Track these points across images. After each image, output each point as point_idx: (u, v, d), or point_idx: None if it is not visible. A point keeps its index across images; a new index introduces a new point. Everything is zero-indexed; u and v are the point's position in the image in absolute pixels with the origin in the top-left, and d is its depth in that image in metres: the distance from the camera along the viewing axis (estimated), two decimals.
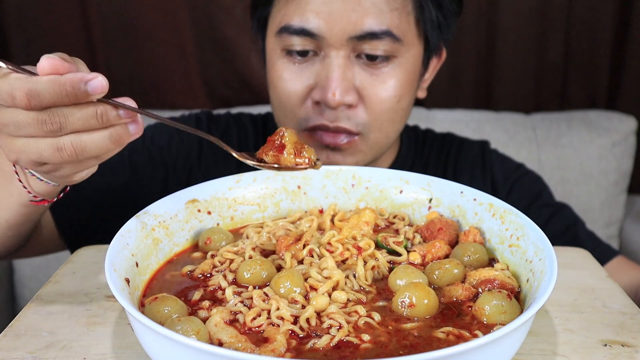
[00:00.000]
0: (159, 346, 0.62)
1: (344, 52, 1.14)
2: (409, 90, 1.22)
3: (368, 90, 1.17)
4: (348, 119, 1.17)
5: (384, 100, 1.18)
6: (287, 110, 1.21)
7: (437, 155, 1.46)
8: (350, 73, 1.15)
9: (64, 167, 0.75)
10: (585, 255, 1.03)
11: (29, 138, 0.71)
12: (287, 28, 1.15)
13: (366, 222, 0.91)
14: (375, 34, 1.13)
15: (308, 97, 1.18)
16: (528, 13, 2.24)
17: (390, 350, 0.66)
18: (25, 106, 0.68)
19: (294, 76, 1.19)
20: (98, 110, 0.71)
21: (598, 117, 2.20)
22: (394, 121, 1.22)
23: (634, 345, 0.76)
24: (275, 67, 1.20)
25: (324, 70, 1.15)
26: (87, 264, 0.96)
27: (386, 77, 1.17)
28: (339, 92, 1.13)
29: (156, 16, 2.22)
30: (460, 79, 2.34)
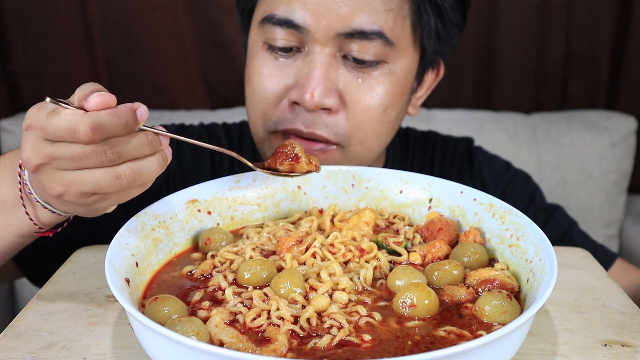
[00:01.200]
0: (159, 346, 0.62)
1: (330, 50, 1.05)
2: (398, 102, 1.12)
3: (352, 95, 1.06)
4: (326, 126, 1.06)
5: (368, 108, 1.07)
6: (259, 109, 1.11)
7: (421, 158, 1.38)
8: (333, 73, 1.05)
9: (111, 196, 0.76)
10: (585, 255, 1.03)
11: (83, 170, 0.73)
12: (271, 18, 1.06)
13: (366, 223, 0.91)
14: (365, 34, 1.03)
15: (284, 96, 1.08)
16: (528, 13, 2.25)
17: (391, 350, 0.66)
18: (89, 140, 0.70)
19: (274, 72, 1.08)
20: (149, 137, 0.74)
21: (598, 117, 2.20)
22: (378, 134, 1.11)
23: (634, 345, 0.76)
24: (255, 61, 1.11)
25: (305, 68, 1.05)
26: (87, 264, 0.96)
27: (374, 82, 1.07)
28: (318, 92, 1.03)
29: (156, 16, 2.22)
30: (460, 79, 2.34)
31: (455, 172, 1.37)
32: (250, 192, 0.97)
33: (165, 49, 2.26)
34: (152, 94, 2.33)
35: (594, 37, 2.27)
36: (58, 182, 0.74)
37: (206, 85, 2.32)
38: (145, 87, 2.32)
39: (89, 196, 0.75)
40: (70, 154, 0.71)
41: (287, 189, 0.99)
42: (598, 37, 2.27)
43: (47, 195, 0.78)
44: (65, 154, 0.71)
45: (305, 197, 0.99)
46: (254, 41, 1.13)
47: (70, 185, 0.74)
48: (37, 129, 0.73)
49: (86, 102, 0.71)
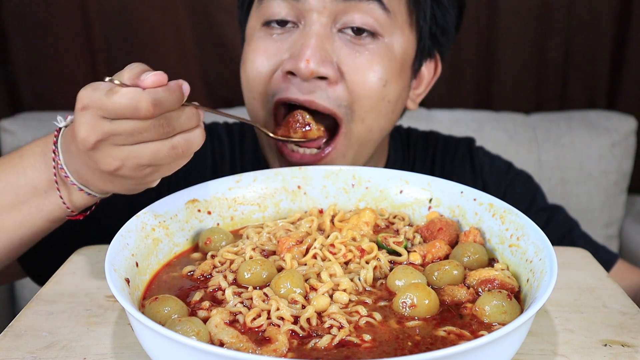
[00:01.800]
0: (159, 346, 0.62)
1: (325, 20, 1.04)
2: (397, 80, 1.10)
3: (349, 67, 1.05)
4: (327, 95, 1.04)
5: (367, 80, 1.05)
6: (256, 90, 1.09)
7: (422, 158, 1.38)
8: (329, 45, 1.04)
9: (163, 168, 0.81)
10: (585, 255, 1.03)
11: (141, 144, 0.77)
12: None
13: (366, 223, 0.91)
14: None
15: (278, 68, 1.06)
16: (528, 13, 2.25)
17: (391, 350, 0.66)
18: (150, 115, 0.75)
19: (269, 47, 1.07)
20: (193, 111, 0.80)
21: (598, 117, 2.21)
22: (379, 112, 1.10)
23: (634, 345, 0.76)
24: (252, 42, 1.10)
25: (300, 39, 1.04)
26: (87, 264, 0.96)
27: (370, 55, 1.06)
28: (313, 60, 1.01)
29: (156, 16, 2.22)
30: (460, 79, 2.34)
31: (456, 171, 1.37)
32: (250, 192, 0.97)
33: (165, 49, 2.26)
34: None
35: (594, 37, 2.27)
36: (116, 157, 0.78)
37: (206, 85, 2.32)
38: None
39: (144, 169, 0.80)
40: (129, 129, 0.76)
41: (287, 189, 0.99)
42: (598, 37, 2.28)
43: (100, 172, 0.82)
44: (125, 129, 0.76)
45: (305, 197, 0.99)
46: (252, 26, 1.13)
47: (129, 159, 0.78)
48: (95, 108, 0.77)
49: (141, 81, 0.76)
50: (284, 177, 0.99)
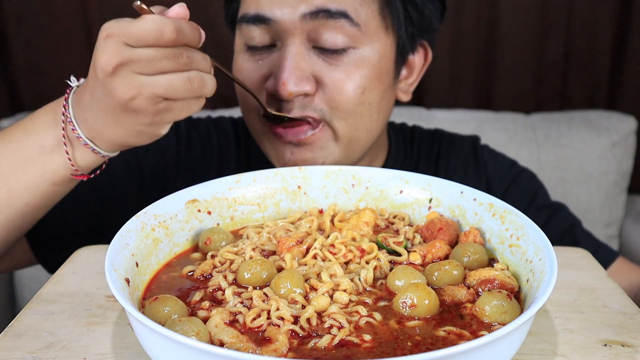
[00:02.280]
0: (159, 346, 0.62)
1: (299, 39, 1.08)
2: (376, 85, 1.13)
3: (325, 77, 1.10)
4: (305, 106, 1.10)
5: (344, 89, 1.10)
6: (248, 104, 1.16)
7: (427, 154, 1.40)
8: (304, 62, 1.09)
9: (176, 106, 0.85)
10: (585, 255, 1.03)
11: (158, 76, 0.81)
12: (244, 17, 1.11)
13: (366, 223, 0.91)
14: (330, 12, 1.06)
15: (262, 88, 1.13)
16: (528, 13, 2.25)
17: (391, 350, 0.66)
18: (173, 40, 0.80)
19: (252, 69, 1.14)
20: (207, 57, 0.86)
21: (598, 117, 2.21)
22: (361, 115, 1.13)
23: (634, 345, 0.76)
24: (237, 62, 1.17)
25: (278, 60, 1.10)
26: (87, 264, 0.96)
27: (346, 66, 1.10)
28: (291, 82, 1.07)
29: None
30: (460, 79, 2.34)
31: (460, 168, 1.38)
32: (250, 192, 0.97)
33: None
34: None
35: (594, 37, 2.28)
36: (133, 84, 0.81)
37: None
38: None
39: (159, 102, 0.83)
40: (150, 55, 0.80)
41: (287, 189, 0.99)
42: (598, 37, 2.28)
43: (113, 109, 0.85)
44: (146, 55, 0.80)
45: (305, 197, 1.00)
46: (237, 44, 1.19)
47: (145, 87, 0.81)
48: (119, 35, 0.81)
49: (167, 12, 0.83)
50: (284, 177, 0.99)
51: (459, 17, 2.24)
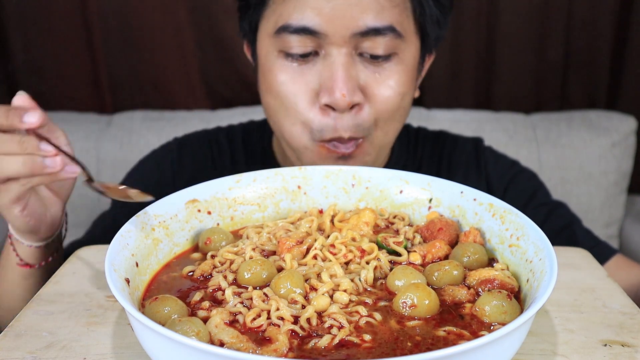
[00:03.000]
0: (159, 346, 0.62)
1: (346, 50, 1.11)
2: (411, 88, 1.20)
3: (373, 89, 1.14)
4: (358, 126, 1.14)
5: (388, 99, 1.15)
6: (295, 118, 1.15)
7: (430, 155, 1.43)
8: (354, 71, 1.12)
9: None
10: (585, 255, 1.03)
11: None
12: (287, 27, 1.11)
13: (366, 223, 0.91)
14: (378, 30, 1.10)
15: (315, 101, 1.13)
16: (528, 13, 2.25)
17: (391, 350, 0.66)
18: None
19: (296, 79, 1.14)
20: (22, 139, 0.86)
21: (598, 117, 2.21)
22: (396, 120, 1.20)
23: (634, 345, 0.76)
24: (274, 70, 1.15)
25: (327, 70, 1.11)
26: (87, 264, 0.96)
27: (389, 74, 1.14)
28: (347, 92, 1.09)
29: (156, 16, 2.22)
30: (460, 79, 2.34)
31: (462, 167, 1.40)
32: (250, 192, 0.97)
33: (165, 49, 2.26)
34: (152, 94, 2.33)
35: (594, 37, 2.27)
36: None
37: (206, 85, 2.33)
38: (145, 87, 2.32)
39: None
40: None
41: (287, 189, 0.99)
42: (598, 37, 2.28)
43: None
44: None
45: (305, 197, 1.00)
46: (267, 52, 1.17)
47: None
48: None
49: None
50: (284, 177, 0.99)
51: (459, 17, 2.24)
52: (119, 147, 2.13)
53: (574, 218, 1.35)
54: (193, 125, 2.15)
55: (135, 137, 2.14)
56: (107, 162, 2.13)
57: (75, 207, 2.16)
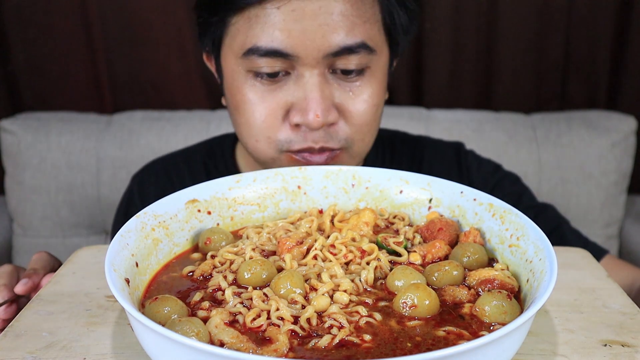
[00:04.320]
0: (159, 346, 0.62)
1: (319, 70, 1.09)
2: (382, 98, 1.19)
3: (347, 106, 1.13)
4: (331, 137, 1.12)
5: (364, 112, 1.14)
6: (261, 135, 1.14)
7: (410, 159, 1.42)
8: (327, 91, 1.10)
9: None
10: (585, 255, 1.03)
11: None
12: (255, 50, 1.08)
13: (366, 223, 0.91)
14: (351, 48, 1.08)
15: (285, 119, 1.12)
16: (528, 13, 2.25)
17: (391, 350, 0.66)
18: None
19: (266, 98, 1.11)
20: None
21: (598, 117, 2.20)
22: (373, 130, 1.19)
23: (634, 345, 0.76)
24: (243, 90, 1.13)
25: (300, 91, 1.10)
26: (87, 264, 0.96)
27: (363, 89, 1.13)
28: (321, 113, 1.08)
29: (156, 16, 2.22)
30: (460, 79, 2.34)
31: (444, 172, 1.39)
32: (250, 192, 0.97)
33: (165, 49, 2.26)
34: (152, 94, 2.33)
35: (594, 37, 2.27)
36: None
37: (206, 85, 2.32)
38: (145, 87, 2.32)
39: None
40: None
41: (287, 189, 0.99)
42: (598, 37, 2.27)
43: None
44: None
45: (305, 197, 1.00)
46: (233, 70, 1.14)
47: None
48: None
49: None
50: (284, 177, 0.99)
51: (459, 17, 2.24)
52: (119, 147, 2.13)
53: (561, 219, 1.35)
54: (193, 125, 2.15)
55: (135, 137, 2.14)
56: (107, 162, 2.13)
57: (76, 207, 2.16)
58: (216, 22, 1.14)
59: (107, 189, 2.13)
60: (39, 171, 2.13)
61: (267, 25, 1.06)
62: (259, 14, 1.07)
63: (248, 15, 1.08)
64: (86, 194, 2.15)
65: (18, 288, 0.92)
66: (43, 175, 2.13)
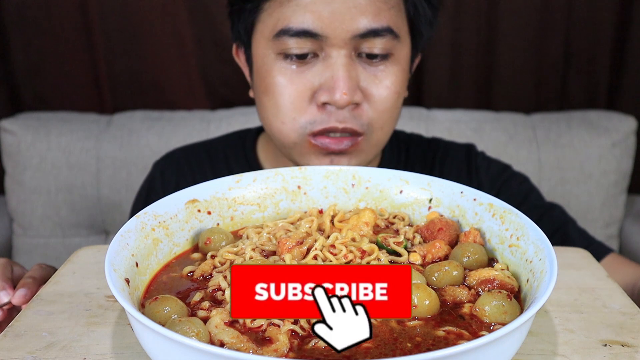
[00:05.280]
0: (159, 346, 0.62)
1: (346, 51, 1.14)
2: (404, 87, 1.23)
3: (371, 89, 1.17)
4: (355, 118, 1.16)
5: (386, 98, 1.18)
6: (287, 116, 1.17)
7: (422, 161, 1.45)
8: (353, 72, 1.15)
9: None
10: (585, 255, 1.03)
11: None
12: (287, 31, 1.13)
13: (366, 223, 0.91)
14: (377, 31, 1.13)
15: (312, 101, 1.16)
16: (528, 13, 2.25)
17: (391, 350, 0.66)
18: None
19: (294, 79, 1.16)
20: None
21: (598, 117, 2.20)
22: (393, 119, 1.23)
23: (634, 345, 0.76)
24: (272, 72, 1.17)
25: (328, 71, 1.14)
26: (87, 264, 0.96)
27: (386, 74, 1.18)
28: (348, 91, 1.12)
29: (156, 16, 2.22)
30: (460, 79, 2.34)
31: (454, 172, 1.42)
32: (250, 192, 0.97)
33: (165, 49, 2.26)
34: (152, 94, 2.33)
35: (594, 37, 2.27)
36: None
37: (206, 85, 2.32)
38: (145, 87, 2.32)
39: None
40: None
41: (287, 189, 0.99)
42: (598, 37, 2.27)
43: None
44: None
45: (305, 197, 1.00)
46: (264, 54, 1.19)
47: None
48: None
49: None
50: (284, 177, 0.99)
51: (459, 17, 2.24)
52: (119, 147, 2.13)
53: (567, 219, 1.35)
54: (193, 125, 2.15)
55: (135, 137, 2.14)
56: (107, 162, 2.13)
57: (76, 207, 2.16)
58: (250, 8, 1.20)
59: (107, 189, 2.13)
60: (39, 171, 2.13)
61: (299, 7, 1.12)
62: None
63: (280, 0, 1.14)
64: (86, 194, 2.15)
65: (17, 299, 0.92)
66: (43, 175, 2.13)
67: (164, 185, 1.43)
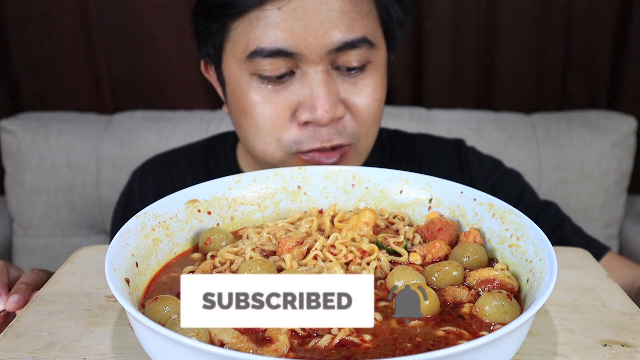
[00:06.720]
0: (159, 346, 0.62)
1: (323, 67, 1.10)
2: (384, 92, 1.21)
3: (353, 99, 1.14)
4: (340, 133, 1.14)
5: (369, 106, 1.16)
6: (269, 137, 1.14)
7: (410, 158, 1.43)
8: (333, 86, 1.12)
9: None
10: (585, 255, 1.03)
11: None
12: (260, 52, 1.08)
13: (366, 223, 0.91)
14: (353, 43, 1.10)
15: (292, 119, 1.13)
16: (528, 13, 2.25)
17: (391, 350, 0.66)
18: None
19: (273, 99, 1.12)
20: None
21: (598, 117, 2.20)
22: (377, 125, 1.21)
23: (634, 345, 0.76)
24: (248, 94, 1.13)
25: (306, 88, 1.10)
26: (87, 264, 0.96)
27: (365, 82, 1.15)
28: (329, 108, 1.09)
29: (156, 16, 2.22)
30: (460, 79, 2.34)
31: (445, 171, 1.39)
32: (250, 192, 0.97)
33: (165, 49, 2.26)
34: (152, 94, 2.33)
35: (594, 37, 2.27)
36: None
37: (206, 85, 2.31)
38: (145, 87, 2.32)
39: None
40: None
41: (287, 189, 0.99)
42: (598, 37, 2.27)
43: None
44: None
45: (305, 197, 1.00)
46: (237, 75, 1.14)
47: None
48: None
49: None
50: (284, 177, 0.99)
51: (459, 17, 2.24)
52: (119, 147, 2.13)
53: (563, 217, 1.35)
54: (193, 125, 2.15)
55: (135, 137, 2.14)
56: (107, 162, 2.13)
57: (76, 207, 2.16)
58: (217, 28, 1.15)
59: (107, 189, 2.13)
60: (39, 171, 2.13)
61: (269, 26, 1.07)
62: (259, 16, 1.08)
63: (249, 19, 1.09)
64: (86, 194, 2.15)
65: (10, 305, 0.91)
66: (43, 175, 2.13)
67: (142, 194, 1.41)
